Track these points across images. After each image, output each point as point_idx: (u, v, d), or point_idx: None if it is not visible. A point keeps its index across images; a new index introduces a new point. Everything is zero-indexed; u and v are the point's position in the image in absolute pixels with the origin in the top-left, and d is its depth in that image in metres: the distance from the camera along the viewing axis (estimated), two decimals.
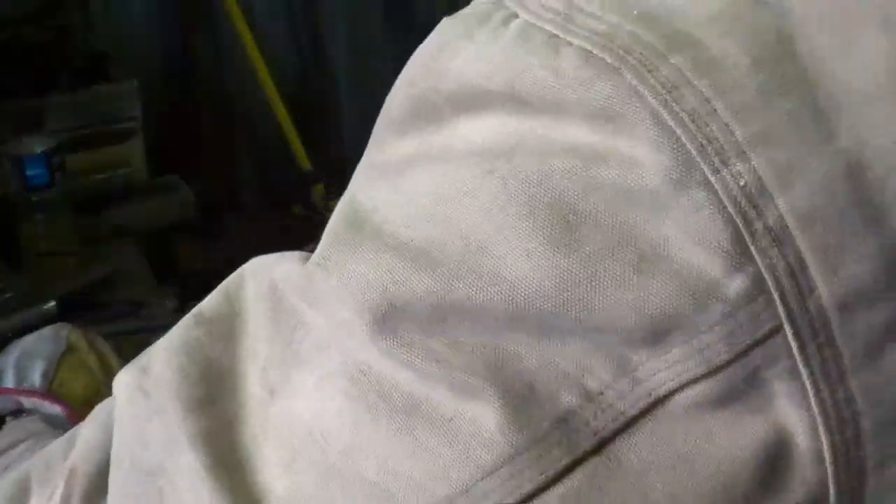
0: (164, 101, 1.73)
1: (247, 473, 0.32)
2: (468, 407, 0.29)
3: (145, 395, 0.35)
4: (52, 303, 1.05)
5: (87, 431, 0.39)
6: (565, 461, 0.29)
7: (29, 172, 1.20)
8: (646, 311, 0.28)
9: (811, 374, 0.29)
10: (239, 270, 0.37)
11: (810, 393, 0.29)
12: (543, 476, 0.29)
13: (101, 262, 1.23)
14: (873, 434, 0.30)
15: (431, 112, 0.32)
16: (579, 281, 0.28)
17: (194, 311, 0.36)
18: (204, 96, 1.91)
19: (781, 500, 0.30)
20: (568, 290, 0.29)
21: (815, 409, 0.29)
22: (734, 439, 0.30)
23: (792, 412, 0.30)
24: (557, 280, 0.29)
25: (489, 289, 0.29)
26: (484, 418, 0.29)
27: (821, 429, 0.30)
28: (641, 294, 0.28)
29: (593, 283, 0.28)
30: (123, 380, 0.36)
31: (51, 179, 1.21)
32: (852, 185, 0.28)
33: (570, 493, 0.29)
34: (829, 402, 0.29)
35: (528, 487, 0.29)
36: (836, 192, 0.28)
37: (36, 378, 0.69)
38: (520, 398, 0.29)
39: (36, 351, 0.71)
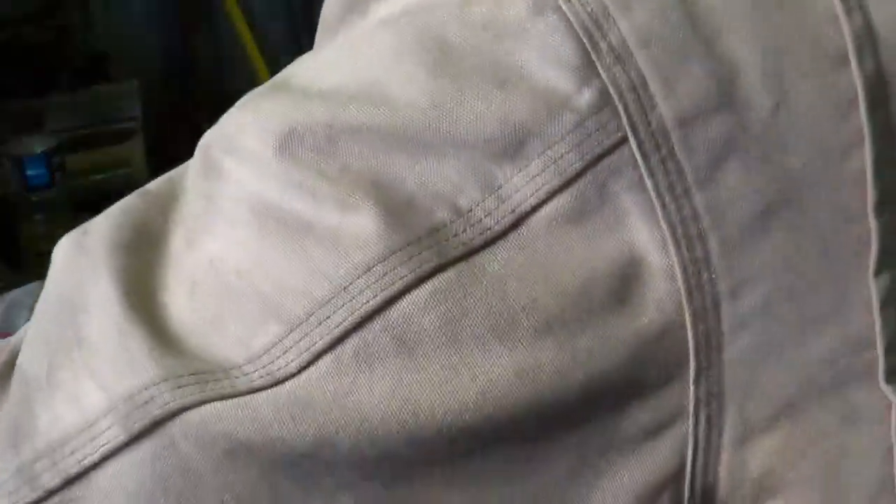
0: (164, 101, 1.73)
1: (156, 305, 0.35)
2: (351, 219, 0.32)
3: (82, 250, 0.37)
4: None
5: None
6: (434, 263, 0.32)
7: (29, 172, 1.21)
8: (506, 120, 0.32)
9: (656, 186, 0.32)
10: (187, 162, 0.39)
11: (657, 207, 0.32)
12: (413, 274, 0.32)
13: None
14: (721, 255, 0.33)
15: (359, 4, 0.37)
16: (449, 97, 0.32)
17: (141, 188, 0.39)
18: (204, 96, 1.91)
19: (635, 314, 0.33)
20: (439, 105, 0.32)
21: (663, 224, 0.32)
22: (590, 253, 0.33)
23: (643, 229, 0.33)
24: (431, 96, 0.32)
25: (376, 109, 0.33)
26: (363, 226, 0.32)
27: (670, 245, 0.32)
28: (502, 106, 0.32)
29: (461, 98, 0.32)
30: (63, 242, 0.38)
31: (51, 179, 1.21)
32: (685, 11, 0.32)
33: (437, 290, 0.32)
34: (675, 216, 0.32)
35: (399, 284, 0.32)
36: (671, 16, 0.32)
37: (20, 326, 0.72)
38: (397, 211, 0.32)
39: (23, 302, 0.75)
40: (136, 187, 0.40)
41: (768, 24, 0.32)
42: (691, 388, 0.34)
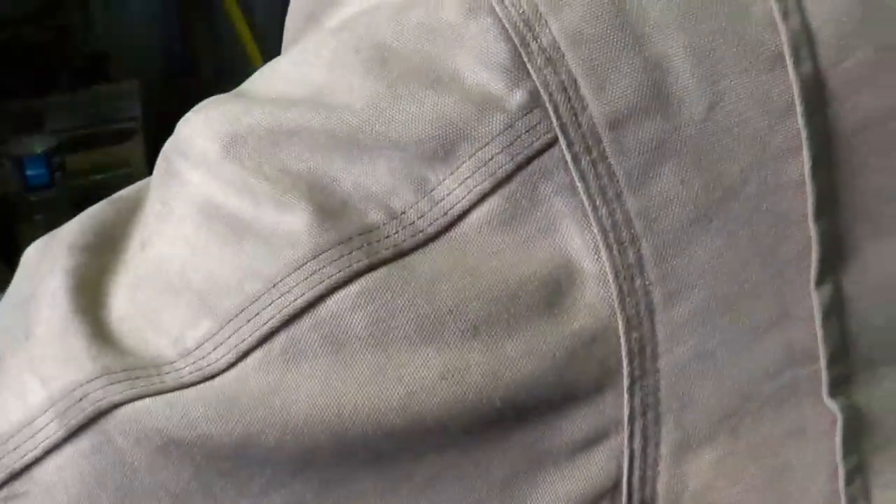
0: (164, 101, 1.73)
1: (102, 303, 0.35)
2: (286, 218, 0.33)
3: (46, 252, 0.38)
4: None
5: None
6: (363, 263, 0.32)
7: (29, 172, 1.21)
8: (437, 122, 0.32)
9: (587, 189, 0.32)
10: None
11: (588, 210, 0.32)
12: (342, 273, 0.32)
13: None
14: (655, 261, 0.32)
15: (316, 16, 0.38)
16: (384, 99, 0.33)
17: (113, 195, 0.41)
18: (204, 96, 1.91)
19: (566, 320, 0.33)
20: (374, 107, 0.33)
21: (595, 228, 0.32)
22: (521, 257, 0.33)
23: (576, 233, 0.32)
24: (367, 99, 0.33)
25: (315, 113, 0.33)
26: (296, 225, 0.33)
27: (602, 250, 0.32)
28: (434, 108, 0.32)
29: (394, 101, 0.33)
30: (33, 244, 0.40)
31: (51, 179, 1.21)
32: (615, 12, 0.32)
33: (366, 290, 0.32)
34: (607, 221, 0.32)
35: (328, 283, 0.32)
36: (601, 17, 0.32)
37: None
38: (331, 211, 0.33)
39: None
40: None
41: (702, 27, 0.32)
42: (626, 397, 0.34)
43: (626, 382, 0.33)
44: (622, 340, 0.33)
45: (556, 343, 0.33)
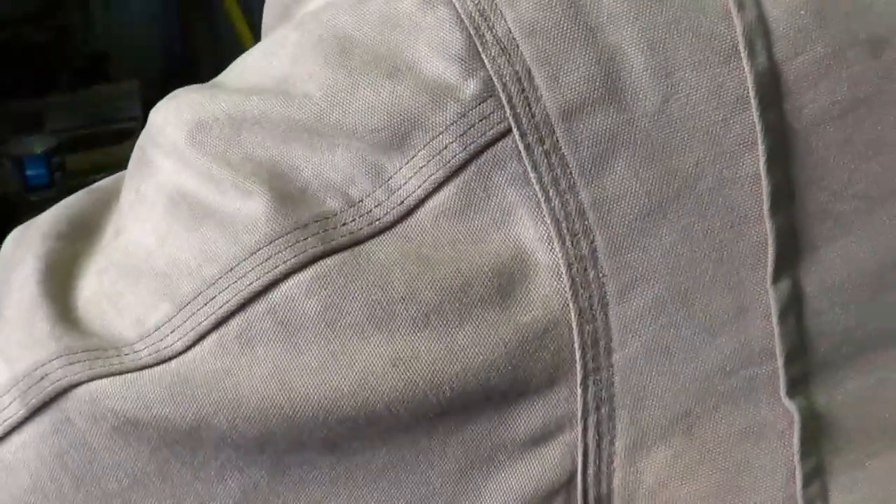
0: None
1: (71, 287, 0.36)
2: (247, 204, 0.33)
3: (22, 239, 0.38)
4: None
5: None
6: (319, 249, 0.32)
7: (29, 172, 1.21)
8: (393, 111, 0.32)
9: (540, 180, 0.32)
10: None
11: (542, 201, 0.32)
12: (297, 259, 0.32)
13: None
14: (609, 254, 0.32)
15: (288, 10, 0.39)
16: (342, 88, 0.33)
17: (91, 185, 0.41)
18: None
19: (518, 311, 0.33)
20: (332, 96, 0.33)
21: (548, 219, 0.32)
22: (475, 248, 0.33)
23: (529, 224, 0.32)
24: (325, 88, 0.33)
25: (276, 101, 0.34)
26: (255, 210, 0.33)
27: (555, 241, 0.32)
28: (390, 97, 0.32)
29: (352, 90, 0.33)
30: (11, 234, 0.40)
31: (51, 179, 1.21)
32: (569, 2, 0.32)
33: (319, 276, 0.32)
34: (560, 212, 0.32)
35: (282, 268, 0.32)
36: (555, 8, 0.32)
37: None
38: (289, 198, 0.33)
39: None
40: None
41: (656, 18, 0.32)
42: (579, 391, 0.33)
43: (579, 376, 0.33)
44: (575, 333, 0.33)
45: (507, 334, 0.33)
